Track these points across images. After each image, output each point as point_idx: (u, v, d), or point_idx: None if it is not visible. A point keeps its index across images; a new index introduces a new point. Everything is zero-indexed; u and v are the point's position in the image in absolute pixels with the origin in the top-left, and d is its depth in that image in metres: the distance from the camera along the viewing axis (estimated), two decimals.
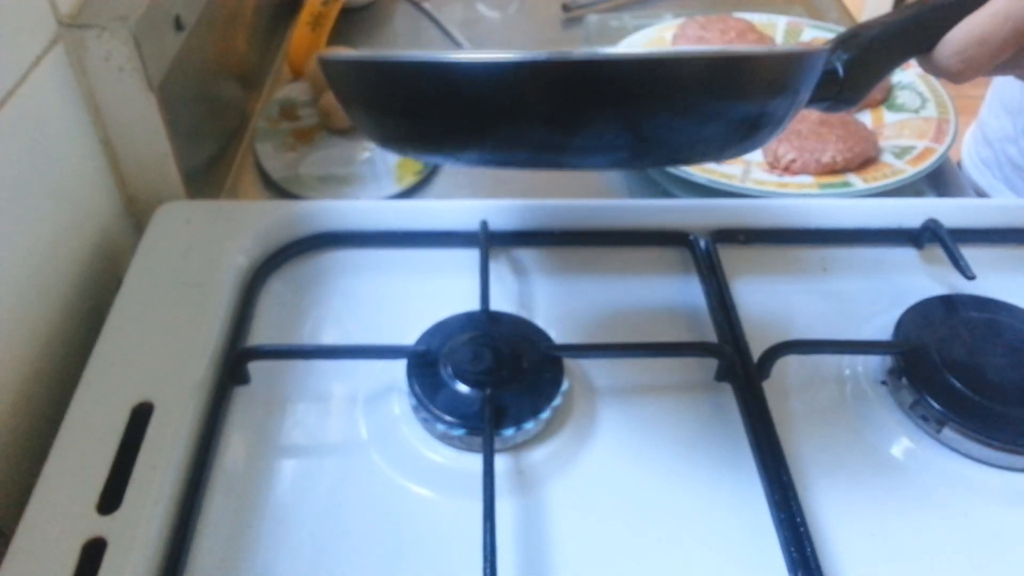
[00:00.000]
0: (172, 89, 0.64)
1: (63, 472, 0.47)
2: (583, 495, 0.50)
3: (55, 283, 0.58)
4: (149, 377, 0.51)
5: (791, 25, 0.94)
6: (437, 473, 0.51)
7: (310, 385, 0.55)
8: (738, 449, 0.52)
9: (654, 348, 0.57)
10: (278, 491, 0.50)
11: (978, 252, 0.64)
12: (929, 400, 0.53)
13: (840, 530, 0.49)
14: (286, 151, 0.79)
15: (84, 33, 0.58)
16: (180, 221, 0.62)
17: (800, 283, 0.64)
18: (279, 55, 0.94)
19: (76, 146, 0.61)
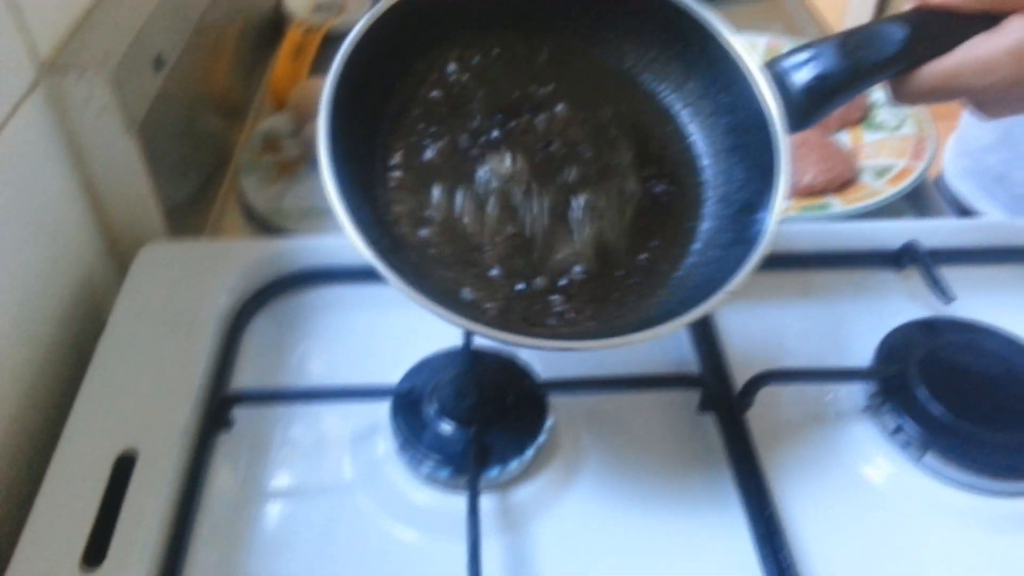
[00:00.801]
0: (153, 128, 0.64)
1: (47, 525, 0.47)
2: (569, 532, 0.50)
3: (38, 325, 0.58)
4: (133, 424, 0.51)
5: (771, 45, 0.95)
6: (423, 514, 0.51)
7: (294, 427, 0.56)
8: (722, 480, 0.53)
9: (637, 382, 0.57)
10: (264, 536, 0.50)
11: (958, 272, 0.64)
12: (910, 426, 0.53)
13: (824, 560, 0.49)
14: (270, 184, 0.79)
15: (64, 76, 0.58)
16: (163, 262, 0.62)
17: (782, 307, 0.64)
18: (261, 87, 0.94)
19: (58, 188, 0.61)
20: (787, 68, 0.49)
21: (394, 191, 0.49)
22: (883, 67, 0.49)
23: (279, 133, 0.84)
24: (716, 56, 0.51)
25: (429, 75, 0.52)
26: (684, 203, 0.51)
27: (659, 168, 0.52)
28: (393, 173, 0.50)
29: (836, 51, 0.48)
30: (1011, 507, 0.52)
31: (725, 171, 0.51)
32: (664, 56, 0.54)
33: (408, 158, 0.50)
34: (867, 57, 0.48)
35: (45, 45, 0.58)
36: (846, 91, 0.49)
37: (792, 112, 0.48)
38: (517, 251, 0.48)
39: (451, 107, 0.52)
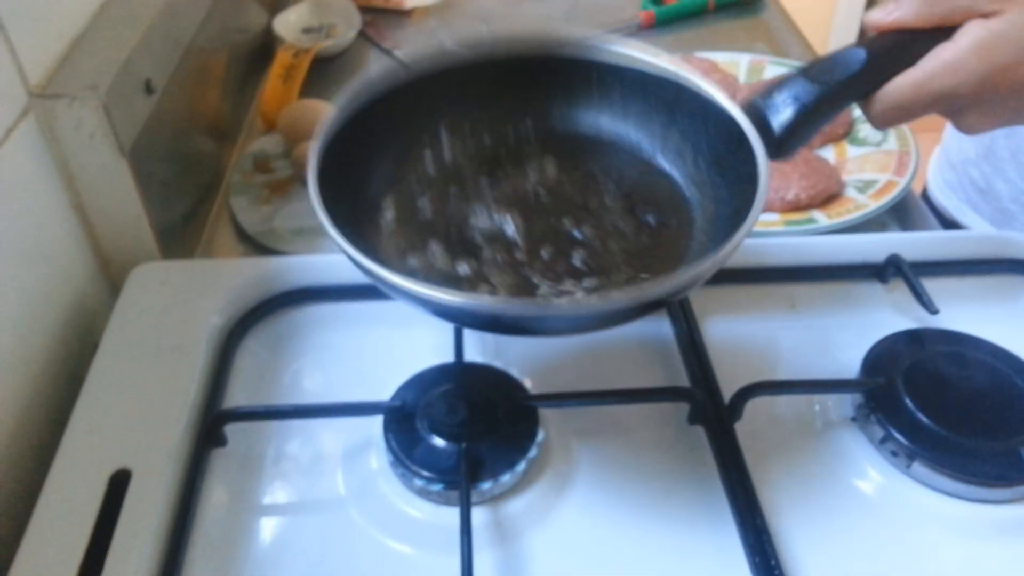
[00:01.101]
0: (144, 152, 0.65)
1: (42, 543, 0.47)
2: (561, 545, 0.51)
3: (31, 348, 0.59)
4: (126, 444, 0.52)
5: (753, 63, 0.96)
6: (416, 528, 0.51)
7: (287, 444, 0.56)
8: (712, 492, 0.53)
9: (627, 395, 0.58)
10: (258, 552, 0.50)
11: (942, 284, 0.65)
12: (897, 436, 0.54)
13: (815, 569, 0.49)
14: (261, 204, 0.79)
15: (54, 103, 0.59)
16: (155, 283, 0.63)
17: (769, 321, 0.65)
18: (251, 109, 0.95)
19: (50, 212, 0.62)
20: (760, 101, 0.51)
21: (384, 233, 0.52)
22: (850, 86, 0.51)
23: (269, 154, 0.85)
24: (690, 103, 0.54)
25: (420, 140, 0.56)
26: (675, 230, 0.53)
27: (648, 203, 0.54)
28: (386, 227, 0.53)
29: (803, 79, 0.51)
30: (998, 514, 0.52)
31: (712, 197, 0.53)
32: (643, 112, 0.57)
33: (400, 212, 0.53)
34: (832, 78, 0.50)
35: (34, 72, 0.59)
36: (819, 114, 0.51)
37: (772, 141, 0.50)
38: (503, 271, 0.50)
39: (442, 168, 0.55)
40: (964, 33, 0.49)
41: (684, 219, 0.54)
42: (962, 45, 0.48)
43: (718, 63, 0.94)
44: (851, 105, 0.53)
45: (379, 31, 1.09)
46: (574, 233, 0.52)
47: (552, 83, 0.58)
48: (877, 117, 0.52)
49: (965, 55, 0.48)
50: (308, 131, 0.82)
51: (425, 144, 0.57)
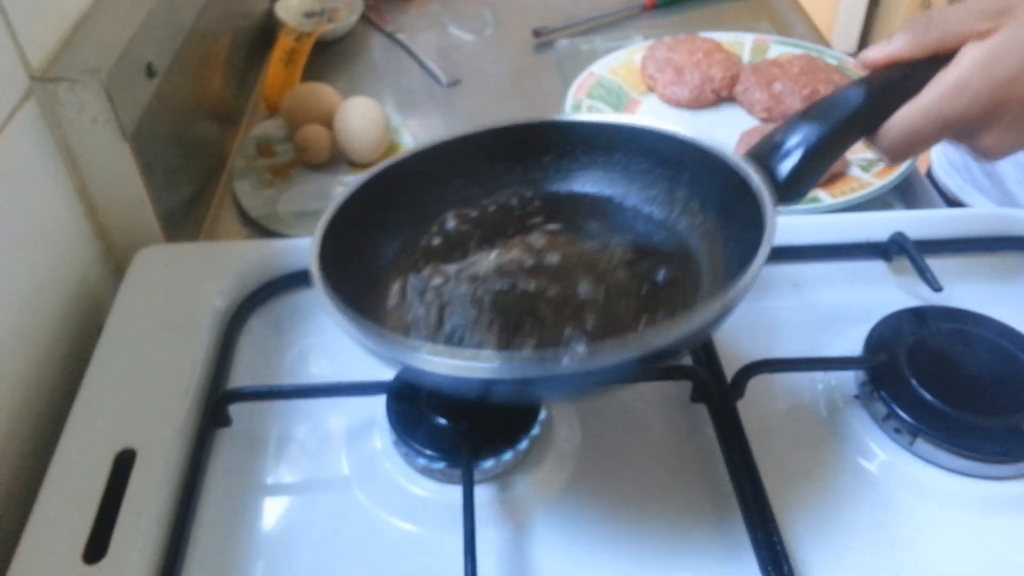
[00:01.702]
0: (146, 135, 0.65)
1: (48, 523, 0.47)
2: (564, 522, 0.51)
3: (36, 332, 0.59)
4: (131, 424, 0.52)
5: (758, 43, 0.96)
6: (419, 507, 0.51)
7: (292, 424, 0.56)
8: (715, 470, 0.53)
9: None
10: (262, 532, 0.51)
11: (945, 262, 0.65)
12: (901, 413, 0.54)
13: (817, 545, 0.49)
14: (264, 188, 0.80)
15: (56, 86, 0.59)
16: (158, 265, 0.63)
17: (772, 300, 0.65)
18: (254, 93, 0.95)
19: (53, 196, 0.62)
20: (763, 148, 0.51)
21: (389, 312, 0.52)
22: (852, 124, 0.50)
23: (272, 138, 0.85)
24: (694, 159, 0.54)
25: (430, 227, 0.57)
26: (685, 283, 0.53)
27: (657, 260, 0.54)
28: (390, 300, 0.53)
29: (804, 121, 0.50)
30: (1001, 490, 0.52)
31: (721, 248, 0.53)
32: (648, 177, 0.57)
33: (405, 286, 0.53)
34: (833, 117, 0.50)
35: (36, 56, 0.59)
36: (824, 156, 0.50)
37: (778, 187, 0.50)
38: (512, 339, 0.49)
39: (451, 248, 0.56)
40: (964, 55, 0.48)
41: (692, 272, 0.53)
42: (963, 66, 0.48)
43: (722, 43, 0.94)
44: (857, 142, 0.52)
45: (381, 15, 1.09)
46: (583, 296, 0.51)
47: (553, 150, 0.59)
48: (888, 151, 0.51)
49: (968, 75, 0.48)
50: (310, 115, 0.82)
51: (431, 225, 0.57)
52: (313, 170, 0.82)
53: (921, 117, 0.49)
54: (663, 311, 0.50)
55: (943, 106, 0.48)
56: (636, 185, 0.58)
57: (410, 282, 0.53)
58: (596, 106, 0.87)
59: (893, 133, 0.50)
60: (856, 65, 0.92)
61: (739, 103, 0.90)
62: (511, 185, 0.59)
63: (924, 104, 0.49)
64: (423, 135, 0.87)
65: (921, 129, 0.49)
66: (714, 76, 0.89)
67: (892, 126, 0.50)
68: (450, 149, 0.57)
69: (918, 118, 0.49)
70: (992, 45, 0.47)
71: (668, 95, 0.90)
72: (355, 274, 0.52)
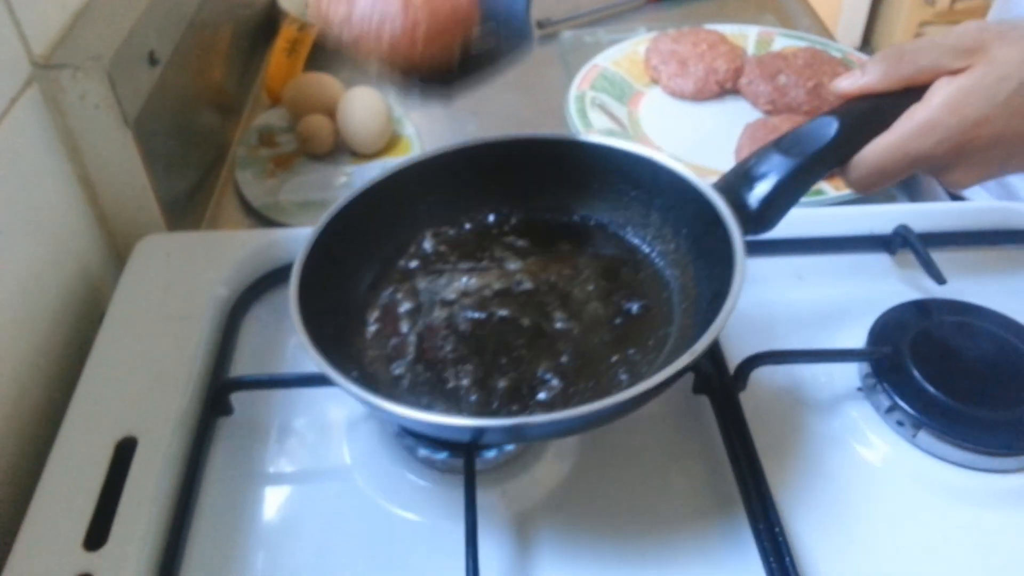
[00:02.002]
0: (149, 123, 0.65)
1: (49, 510, 0.47)
2: (566, 512, 0.51)
3: (37, 320, 0.59)
4: (132, 412, 0.52)
5: (762, 35, 0.95)
6: (421, 496, 0.51)
7: (293, 413, 0.56)
8: (717, 461, 0.53)
9: None
10: (264, 520, 0.50)
11: (949, 255, 0.65)
12: (904, 405, 0.54)
13: (819, 538, 0.49)
14: (266, 178, 0.79)
15: (58, 73, 0.59)
16: (160, 254, 0.63)
17: (776, 292, 0.65)
18: (256, 82, 0.95)
19: (55, 183, 0.62)
20: (735, 178, 0.52)
21: (370, 341, 0.53)
22: (824, 156, 0.51)
23: (274, 128, 0.85)
24: (668, 185, 0.55)
25: (407, 248, 0.58)
26: (658, 314, 0.54)
27: (631, 290, 0.55)
28: (370, 327, 0.54)
29: (777, 152, 0.51)
30: (1005, 483, 0.52)
31: (693, 277, 0.54)
32: (623, 199, 0.59)
33: (384, 312, 0.55)
34: (806, 150, 0.51)
35: (38, 43, 0.59)
36: (795, 187, 0.51)
37: (749, 217, 0.51)
38: (491, 374, 0.51)
39: (428, 270, 0.57)
40: (934, 92, 0.48)
41: (665, 303, 0.54)
42: (934, 104, 0.48)
43: (726, 35, 0.93)
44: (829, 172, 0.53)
45: None
46: (558, 327, 0.53)
47: (530, 171, 0.60)
48: (856, 183, 0.52)
49: (937, 114, 0.48)
50: (313, 105, 0.82)
51: (408, 246, 0.58)
52: (315, 160, 0.82)
53: (890, 154, 0.49)
54: (634, 348, 0.52)
55: (911, 144, 0.49)
56: (611, 206, 0.59)
57: (388, 309, 0.55)
58: (600, 98, 0.87)
59: (862, 168, 0.51)
60: (857, 61, 0.91)
61: (743, 95, 0.89)
62: (488, 203, 0.60)
63: (893, 141, 0.49)
64: (425, 126, 0.87)
65: (890, 165, 0.50)
66: (718, 68, 0.89)
67: (861, 161, 0.50)
68: (425, 168, 0.58)
69: (887, 155, 0.49)
70: (962, 84, 0.48)
71: (672, 87, 0.89)
72: (336, 304, 0.53)
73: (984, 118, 0.47)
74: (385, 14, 0.46)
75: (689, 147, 0.82)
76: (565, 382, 0.50)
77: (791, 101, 0.85)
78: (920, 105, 0.49)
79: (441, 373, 0.51)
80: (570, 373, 0.50)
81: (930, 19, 2.20)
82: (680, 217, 0.56)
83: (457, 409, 0.49)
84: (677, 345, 0.51)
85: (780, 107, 0.86)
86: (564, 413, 0.42)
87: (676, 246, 0.56)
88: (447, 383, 0.50)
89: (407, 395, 0.50)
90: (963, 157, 0.49)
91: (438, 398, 0.49)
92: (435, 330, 0.53)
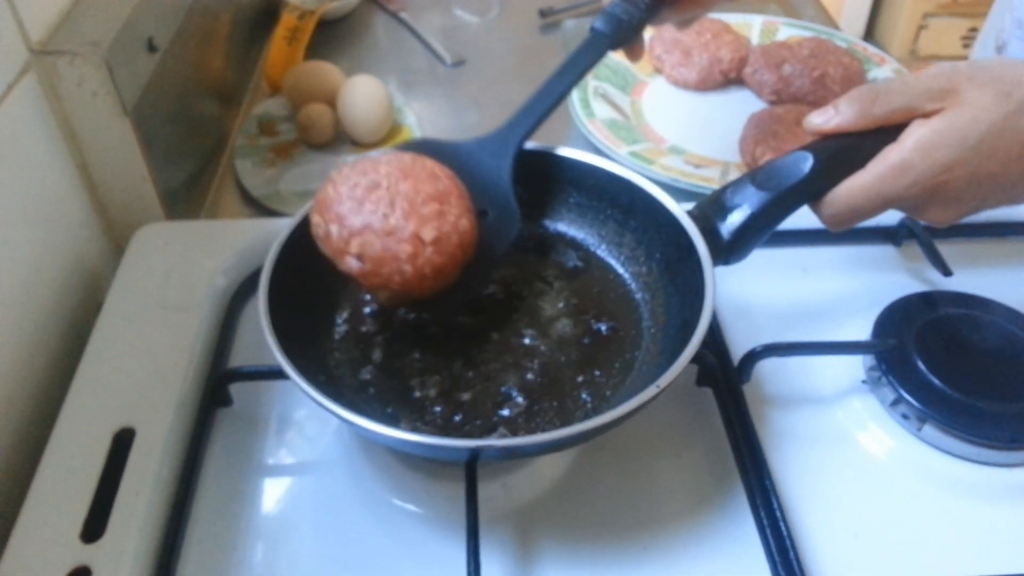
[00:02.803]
0: (147, 111, 0.64)
1: (46, 501, 0.47)
2: (567, 506, 0.50)
3: (34, 309, 0.58)
4: (130, 402, 0.51)
5: (767, 24, 0.95)
6: (421, 489, 0.51)
7: (293, 404, 0.56)
8: (721, 453, 0.53)
9: None
10: (263, 511, 0.50)
11: (955, 247, 0.64)
12: (909, 398, 0.53)
13: (823, 531, 0.49)
14: (265, 167, 0.79)
15: (56, 60, 0.58)
16: (159, 243, 0.62)
17: (780, 284, 0.64)
18: (256, 71, 0.94)
19: (52, 171, 0.61)
20: (709, 208, 0.52)
21: (338, 343, 0.53)
22: (797, 191, 0.51)
23: (274, 117, 0.84)
24: (644, 207, 0.56)
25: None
26: (626, 337, 0.54)
27: (600, 310, 0.55)
28: (339, 328, 0.54)
29: (751, 185, 0.51)
30: (1011, 477, 0.52)
31: (663, 303, 0.55)
32: (599, 217, 0.59)
33: (353, 315, 0.55)
34: (779, 185, 0.51)
35: (36, 29, 0.58)
36: (767, 220, 0.52)
37: (720, 247, 0.51)
38: (456, 386, 0.51)
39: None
40: (909, 134, 0.49)
41: (634, 326, 0.55)
42: (907, 146, 0.48)
43: (731, 24, 0.92)
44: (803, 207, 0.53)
45: None
46: (525, 341, 0.53)
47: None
48: (829, 220, 0.52)
49: (911, 156, 0.48)
50: (313, 94, 0.81)
51: None
52: (316, 150, 0.81)
53: (863, 194, 0.50)
54: (600, 371, 0.52)
55: (884, 185, 0.49)
56: (587, 223, 0.60)
57: (357, 313, 0.54)
58: (603, 87, 0.86)
59: (835, 206, 0.51)
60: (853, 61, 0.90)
61: (748, 85, 0.89)
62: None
63: (867, 181, 0.49)
64: (427, 116, 0.86)
65: (863, 204, 0.50)
66: (723, 57, 0.88)
67: (834, 199, 0.51)
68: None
69: (860, 195, 0.50)
70: (935, 127, 0.48)
71: (676, 76, 0.89)
72: (307, 303, 0.53)
73: (956, 161, 0.48)
74: (397, 258, 0.46)
75: (692, 137, 0.82)
76: (529, 400, 0.50)
77: (796, 91, 0.84)
78: (894, 147, 0.49)
79: (407, 381, 0.51)
80: (535, 391, 0.50)
81: (934, 10, 2.18)
82: (654, 241, 0.56)
83: (421, 420, 0.49)
84: (643, 372, 0.51)
85: (785, 97, 0.85)
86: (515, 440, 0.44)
87: (648, 269, 0.56)
88: (412, 392, 0.50)
89: (373, 403, 0.50)
90: (937, 198, 0.49)
91: (403, 408, 0.50)
92: (403, 336, 0.53)
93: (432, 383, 0.51)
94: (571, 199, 0.60)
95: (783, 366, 0.57)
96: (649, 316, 0.55)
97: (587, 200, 0.59)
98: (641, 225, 0.57)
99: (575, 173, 0.59)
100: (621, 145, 0.78)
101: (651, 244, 0.56)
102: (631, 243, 0.58)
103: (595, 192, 0.59)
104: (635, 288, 0.57)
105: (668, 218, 0.53)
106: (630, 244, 0.58)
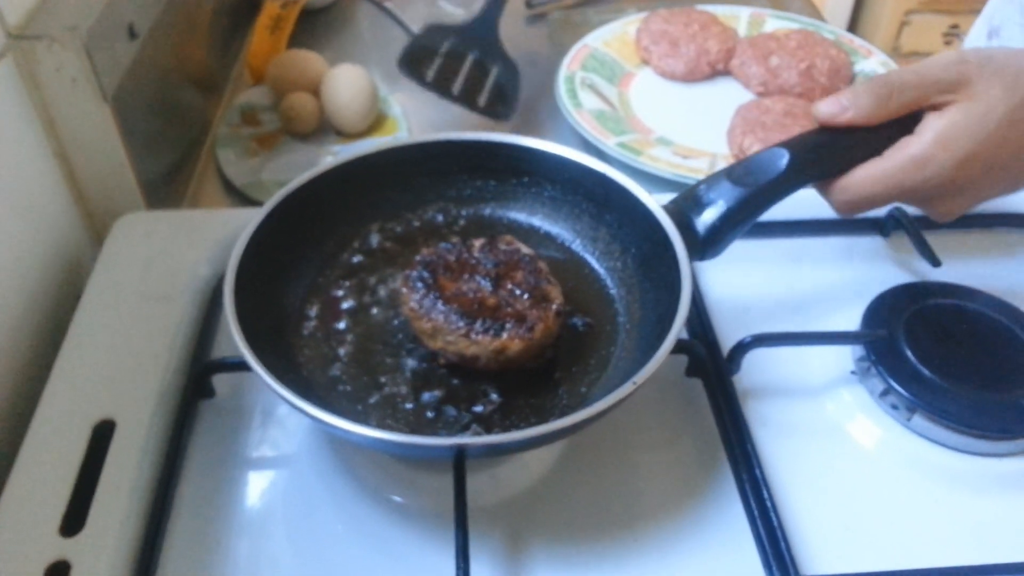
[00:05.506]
0: (128, 99, 0.63)
1: (24, 495, 0.46)
2: (557, 494, 0.50)
3: (12, 299, 0.57)
4: (110, 394, 0.50)
5: (754, 16, 0.94)
6: (408, 480, 0.50)
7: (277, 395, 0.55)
8: (711, 444, 0.52)
9: None
10: (247, 505, 0.49)
11: (944, 237, 0.64)
12: (898, 388, 0.53)
13: (813, 521, 0.49)
14: (248, 157, 0.78)
15: (34, 44, 0.57)
16: (140, 233, 0.61)
17: (770, 274, 0.64)
18: (239, 60, 0.93)
19: (30, 159, 0.60)
20: (685, 202, 0.52)
21: (307, 338, 0.52)
22: (774, 186, 0.51)
23: (257, 107, 0.83)
24: (619, 201, 0.55)
25: (352, 242, 0.58)
26: (602, 332, 0.54)
27: (575, 305, 0.55)
28: (308, 323, 0.53)
29: (727, 181, 0.52)
30: (1000, 467, 0.52)
31: (638, 299, 0.54)
32: (575, 211, 0.59)
33: (324, 309, 0.54)
34: (755, 180, 0.51)
35: (13, 13, 0.57)
36: (743, 216, 0.52)
37: (696, 242, 0.51)
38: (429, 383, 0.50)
39: (372, 268, 0.56)
40: (926, 127, 0.49)
41: (610, 321, 0.54)
42: (927, 139, 0.49)
43: (718, 16, 0.92)
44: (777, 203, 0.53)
45: None
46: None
47: (484, 173, 0.59)
48: (842, 206, 0.52)
49: (931, 149, 0.49)
50: (296, 83, 0.80)
51: (353, 240, 0.58)
52: (299, 139, 0.80)
53: (881, 183, 0.50)
54: (576, 367, 0.52)
55: (903, 176, 0.49)
56: (563, 216, 0.59)
57: (327, 307, 0.54)
58: (590, 78, 0.86)
59: (849, 193, 0.51)
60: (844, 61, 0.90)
61: (735, 77, 0.88)
62: (437, 201, 0.60)
63: (888, 170, 0.50)
64: (412, 107, 0.85)
65: (879, 194, 0.50)
66: (710, 49, 0.88)
67: (849, 185, 0.51)
68: (377, 160, 0.57)
69: (878, 183, 0.50)
70: (953, 119, 0.48)
71: (663, 68, 0.88)
72: (275, 297, 0.52)
73: (973, 153, 0.48)
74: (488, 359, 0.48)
75: (680, 128, 0.81)
76: (504, 397, 0.49)
77: (783, 83, 0.84)
78: (912, 139, 0.49)
79: (377, 378, 0.50)
80: (510, 387, 0.50)
81: (916, 7, 2.19)
82: (629, 235, 0.56)
83: (392, 418, 0.48)
84: (619, 368, 0.51)
85: (772, 89, 0.85)
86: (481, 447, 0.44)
87: (624, 264, 0.56)
88: (383, 388, 0.50)
89: (343, 401, 0.49)
90: (954, 189, 0.50)
91: (374, 405, 0.49)
92: (373, 334, 0.53)
93: (403, 379, 0.50)
94: (545, 193, 0.59)
95: (772, 357, 0.57)
96: (624, 311, 0.54)
97: (561, 194, 0.59)
98: (616, 219, 0.56)
99: (549, 166, 0.58)
100: (609, 136, 0.77)
101: (626, 239, 0.56)
102: (606, 237, 0.57)
103: (569, 186, 0.58)
104: (611, 283, 0.56)
105: (643, 212, 0.53)
106: (605, 239, 0.57)
